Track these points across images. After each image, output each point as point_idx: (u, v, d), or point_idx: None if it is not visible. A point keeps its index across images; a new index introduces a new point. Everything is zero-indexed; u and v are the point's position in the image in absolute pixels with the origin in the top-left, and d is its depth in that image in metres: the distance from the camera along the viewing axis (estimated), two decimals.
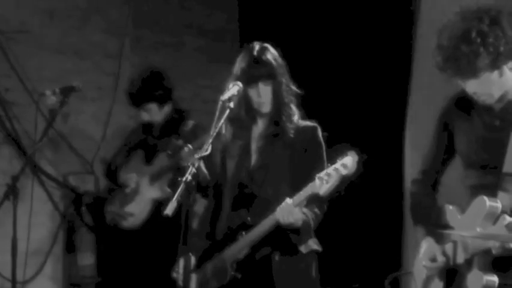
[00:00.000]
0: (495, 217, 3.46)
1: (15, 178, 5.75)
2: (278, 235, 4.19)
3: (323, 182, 4.00)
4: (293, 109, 4.35)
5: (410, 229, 5.31)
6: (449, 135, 3.74)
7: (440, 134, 3.79)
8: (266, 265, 4.24)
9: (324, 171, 4.02)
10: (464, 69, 3.43)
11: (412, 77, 5.71)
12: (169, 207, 3.83)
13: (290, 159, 4.30)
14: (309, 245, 4.31)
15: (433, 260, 3.67)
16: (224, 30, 7.49)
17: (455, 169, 3.81)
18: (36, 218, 6.60)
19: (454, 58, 3.43)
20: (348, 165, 3.96)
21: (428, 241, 3.71)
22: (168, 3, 7.37)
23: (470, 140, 3.64)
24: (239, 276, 4.25)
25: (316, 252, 4.34)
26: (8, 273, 5.85)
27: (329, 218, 4.35)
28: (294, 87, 4.36)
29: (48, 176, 6.80)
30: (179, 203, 3.86)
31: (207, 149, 4.02)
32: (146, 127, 6.17)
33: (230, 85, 4.23)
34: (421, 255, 3.73)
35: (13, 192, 5.71)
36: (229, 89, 4.20)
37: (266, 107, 4.33)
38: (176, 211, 3.84)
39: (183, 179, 3.90)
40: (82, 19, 6.99)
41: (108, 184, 6.45)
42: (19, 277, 6.03)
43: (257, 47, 4.34)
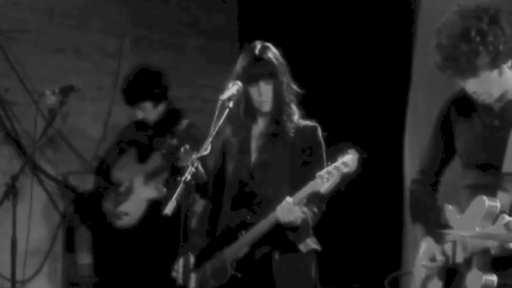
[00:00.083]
0: (494, 217, 3.45)
1: (14, 178, 5.75)
2: (278, 234, 4.19)
3: (324, 180, 4.00)
4: (293, 108, 4.35)
5: (410, 229, 5.31)
6: (448, 135, 3.74)
7: (439, 134, 3.78)
8: (266, 264, 4.24)
9: (325, 169, 4.02)
10: (463, 68, 3.43)
11: (412, 77, 5.71)
12: (168, 206, 3.83)
13: (290, 158, 4.30)
14: (308, 244, 4.31)
15: (433, 260, 3.67)
16: (223, 30, 7.49)
17: (454, 169, 3.80)
18: (35, 218, 6.61)
19: (454, 57, 3.43)
20: (349, 163, 3.97)
21: (427, 241, 3.71)
22: (168, 3, 7.37)
23: (469, 140, 3.64)
24: (239, 275, 4.25)
25: (315, 251, 4.34)
26: (8, 272, 5.84)
27: (329, 218, 4.35)
28: (295, 86, 4.37)
29: (47, 176, 6.80)
30: (178, 203, 3.86)
31: (207, 149, 4.02)
32: (140, 125, 6.17)
33: (230, 85, 4.24)
34: (421, 255, 3.73)
35: (12, 191, 5.71)
36: (228, 89, 4.20)
37: (267, 106, 4.33)
38: (175, 211, 3.85)
39: (183, 179, 3.90)
40: (82, 19, 6.99)
41: (99, 182, 6.43)
42: (18, 276, 6.02)
43: (258, 46, 4.34)
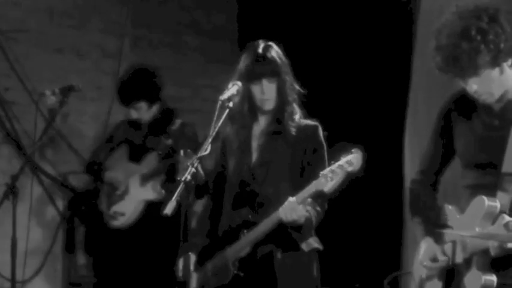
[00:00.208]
0: (494, 217, 3.45)
1: (14, 178, 5.76)
2: (280, 233, 4.18)
3: (327, 179, 3.99)
4: (295, 107, 4.34)
5: (410, 229, 5.32)
6: (448, 135, 3.73)
7: (439, 134, 3.78)
8: (268, 263, 4.24)
9: (328, 168, 4.01)
10: (465, 67, 3.43)
11: (412, 77, 5.71)
12: (168, 206, 3.83)
13: (291, 157, 4.30)
14: (311, 244, 4.30)
15: (434, 260, 3.67)
16: (223, 30, 7.49)
17: (454, 169, 3.80)
18: (35, 218, 6.61)
19: (455, 56, 3.42)
20: (353, 162, 3.96)
21: (427, 241, 3.71)
22: (167, 3, 7.37)
23: (469, 140, 3.64)
24: (241, 274, 4.25)
25: (317, 250, 4.35)
26: (8, 272, 5.85)
27: (329, 218, 4.34)
28: (297, 86, 4.37)
29: (47, 176, 6.80)
30: (178, 203, 3.86)
31: (207, 149, 4.02)
32: (134, 124, 6.17)
33: (230, 85, 4.24)
34: (421, 255, 3.73)
35: (12, 191, 5.72)
36: (228, 89, 4.20)
37: (269, 104, 4.32)
38: (175, 211, 3.85)
39: (183, 179, 3.90)
40: (81, 19, 6.99)
41: (90, 180, 6.43)
42: (18, 277, 6.03)
43: (262, 45, 4.34)
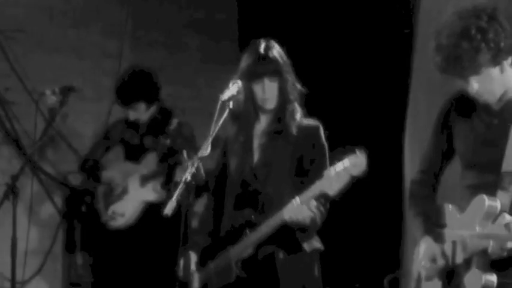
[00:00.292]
0: (494, 216, 3.45)
1: (14, 178, 5.77)
2: (282, 233, 4.18)
3: (332, 182, 3.98)
4: (297, 107, 4.34)
5: (409, 229, 5.31)
6: (448, 134, 3.74)
7: (439, 134, 3.78)
8: (269, 263, 4.23)
9: (333, 170, 3.99)
10: (465, 66, 3.43)
11: (412, 77, 5.71)
12: (168, 206, 3.83)
13: (293, 157, 4.29)
14: (312, 244, 4.30)
15: (433, 261, 3.67)
16: (223, 29, 7.48)
17: (453, 169, 3.80)
18: (35, 218, 6.61)
19: (455, 56, 3.43)
20: (358, 164, 3.93)
21: (427, 241, 3.70)
22: (167, 3, 7.37)
23: (469, 140, 3.64)
24: (244, 275, 4.25)
25: (318, 251, 4.35)
26: (8, 272, 5.85)
27: (329, 218, 4.34)
28: (299, 85, 4.37)
29: (47, 176, 6.80)
30: (178, 203, 3.86)
31: (207, 149, 4.02)
32: (131, 124, 6.18)
33: (230, 84, 4.23)
34: (421, 255, 3.72)
35: (13, 191, 5.72)
36: (229, 89, 4.20)
37: (271, 104, 4.32)
38: (175, 211, 3.85)
39: (183, 179, 3.90)
40: (81, 19, 6.99)
41: (85, 180, 6.42)
42: (18, 277, 6.03)
43: (263, 44, 4.33)
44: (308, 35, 6.62)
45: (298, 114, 4.33)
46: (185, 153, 5.38)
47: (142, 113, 6.10)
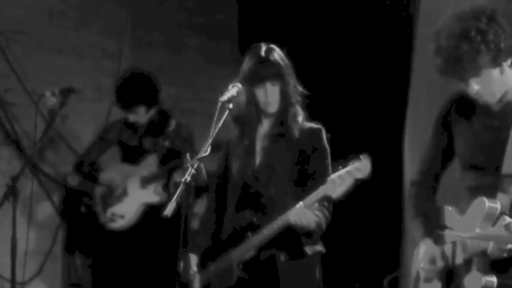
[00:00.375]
0: (494, 218, 3.45)
1: (14, 179, 5.76)
2: (284, 236, 4.17)
3: (335, 185, 3.98)
4: (299, 110, 4.34)
5: (409, 230, 5.31)
6: (448, 136, 3.74)
7: (438, 135, 3.78)
8: (271, 265, 4.23)
9: (336, 173, 3.99)
10: (466, 67, 3.43)
11: (412, 78, 5.71)
12: (168, 208, 3.83)
13: (295, 160, 4.29)
14: (314, 247, 4.30)
15: (433, 262, 3.67)
16: (223, 30, 7.48)
17: (453, 170, 3.80)
18: (35, 219, 6.61)
19: (456, 57, 3.43)
20: (362, 168, 3.94)
21: (427, 242, 3.70)
22: (167, 3, 7.37)
23: (468, 141, 3.64)
24: (246, 276, 4.24)
25: (320, 253, 4.35)
26: (8, 273, 5.84)
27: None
28: (300, 87, 4.37)
29: (47, 177, 6.80)
30: (178, 204, 3.86)
31: (207, 150, 4.02)
32: (130, 126, 6.17)
33: (229, 86, 4.23)
34: (420, 256, 3.73)
35: (13, 192, 5.72)
36: (228, 90, 4.20)
37: (273, 107, 4.32)
38: (175, 212, 3.85)
39: (183, 180, 3.90)
40: (81, 19, 6.99)
41: (81, 181, 6.41)
42: (18, 277, 6.03)
43: (264, 47, 4.32)
44: (308, 36, 6.63)
45: (300, 117, 4.33)
46: (188, 155, 5.39)
47: (142, 116, 6.11)
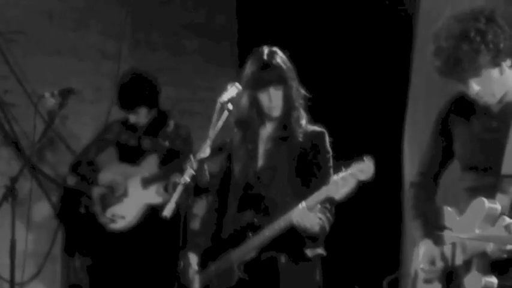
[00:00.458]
0: (494, 218, 3.45)
1: (13, 179, 5.77)
2: (285, 238, 4.17)
3: (338, 186, 3.98)
4: (302, 113, 4.34)
5: (409, 230, 5.31)
6: (447, 137, 3.73)
7: (438, 136, 3.78)
8: (271, 267, 4.23)
9: (340, 175, 3.99)
10: (466, 68, 3.43)
11: (411, 78, 5.71)
12: (167, 208, 3.84)
13: (297, 162, 4.29)
14: (315, 250, 4.30)
15: (432, 263, 3.67)
16: (223, 31, 7.48)
17: (452, 171, 3.80)
18: (34, 220, 6.60)
19: (455, 58, 3.42)
20: (365, 169, 3.95)
21: (426, 243, 3.70)
22: (166, 4, 7.37)
23: (468, 142, 3.63)
24: (247, 277, 4.24)
25: (320, 256, 4.34)
26: (7, 274, 5.84)
27: None
28: (303, 90, 4.36)
29: (46, 178, 6.79)
30: (177, 205, 3.86)
31: (206, 151, 4.02)
32: (130, 127, 6.17)
33: (228, 86, 4.23)
34: (420, 257, 3.72)
35: (12, 193, 5.72)
36: (227, 91, 4.20)
37: (276, 111, 4.31)
38: (174, 213, 3.85)
39: (181, 181, 3.90)
40: (80, 21, 6.99)
41: (78, 181, 6.40)
42: (17, 278, 6.03)
43: (266, 51, 4.32)
44: (306, 37, 6.61)
45: (303, 120, 4.33)
46: (192, 156, 5.39)
47: (143, 117, 6.11)
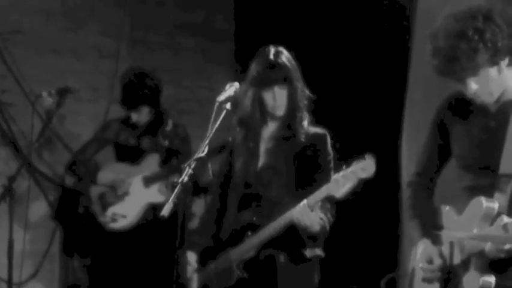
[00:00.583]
0: (492, 218, 3.45)
1: (11, 179, 5.77)
2: (284, 237, 4.18)
3: (339, 184, 3.99)
4: (305, 114, 4.36)
5: (406, 230, 5.31)
6: (444, 136, 3.73)
7: (435, 135, 3.78)
8: (270, 265, 4.23)
9: (341, 173, 4.01)
10: (464, 67, 3.43)
11: (409, 77, 5.71)
12: (165, 208, 3.84)
13: (298, 163, 4.30)
14: (314, 250, 4.31)
15: (430, 262, 3.67)
16: (220, 31, 7.48)
17: (450, 170, 3.80)
18: (32, 219, 6.60)
19: (454, 57, 3.42)
20: (367, 168, 3.96)
21: (424, 242, 3.70)
22: (164, 4, 7.37)
23: (465, 141, 3.63)
24: (246, 276, 4.24)
25: (319, 257, 4.35)
26: (5, 274, 5.84)
27: None
28: (308, 91, 4.37)
29: (44, 177, 6.79)
30: (175, 205, 3.86)
31: (204, 150, 4.02)
32: (130, 126, 6.17)
33: (227, 86, 4.24)
34: (418, 256, 3.72)
35: (9, 193, 5.72)
36: (225, 90, 4.20)
37: (280, 111, 4.32)
38: (172, 212, 3.85)
39: (179, 180, 3.91)
40: (78, 20, 6.99)
41: (76, 181, 6.40)
42: (15, 278, 6.03)
43: (272, 51, 4.33)
44: (303, 37, 6.61)
45: (306, 121, 4.34)
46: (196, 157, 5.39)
47: (144, 116, 6.11)
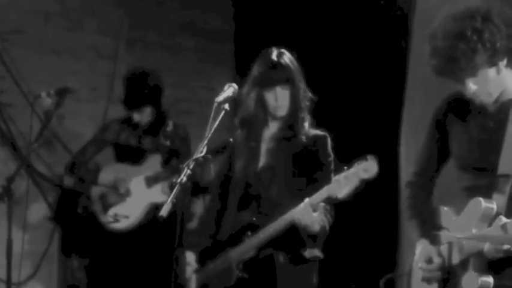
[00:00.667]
0: (491, 218, 3.45)
1: (10, 179, 5.76)
2: (284, 237, 4.18)
3: (341, 185, 4.00)
4: (306, 115, 4.37)
5: (405, 230, 5.31)
6: (443, 136, 3.73)
7: (434, 136, 3.78)
8: (269, 267, 4.24)
9: (342, 174, 4.02)
10: (463, 67, 3.43)
11: (407, 77, 5.71)
12: (164, 208, 3.83)
13: (298, 164, 4.30)
14: (313, 251, 4.31)
15: (429, 262, 3.67)
16: (219, 31, 7.48)
17: (449, 170, 3.80)
18: (31, 219, 6.60)
19: (452, 57, 3.42)
20: (369, 169, 3.98)
21: (423, 242, 3.71)
22: (163, 4, 7.37)
23: (464, 142, 3.63)
24: (246, 276, 4.24)
25: (318, 258, 4.35)
26: (3, 274, 5.84)
27: None
28: (309, 92, 4.37)
29: (43, 177, 6.79)
30: (174, 205, 3.86)
31: (202, 151, 4.02)
32: (132, 126, 6.17)
33: (225, 86, 4.24)
34: (417, 256, 3.73)
35: (8, 193, 5.71)
36: (224, 91, 4.21)
37: (282, 111, 4.34)
38: (171, 212, 3.85)
39: (178, 181, 3.91)
40: (77, 21, 6.99)
41: (76, 181, 6.39)
42: (14, 278, 6.02)
43: (275, 52, 4.36)
44: (303, 38, 6.61)
45: (307, 122, 4.36)
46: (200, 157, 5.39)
47: (146, 116, 6.11)
